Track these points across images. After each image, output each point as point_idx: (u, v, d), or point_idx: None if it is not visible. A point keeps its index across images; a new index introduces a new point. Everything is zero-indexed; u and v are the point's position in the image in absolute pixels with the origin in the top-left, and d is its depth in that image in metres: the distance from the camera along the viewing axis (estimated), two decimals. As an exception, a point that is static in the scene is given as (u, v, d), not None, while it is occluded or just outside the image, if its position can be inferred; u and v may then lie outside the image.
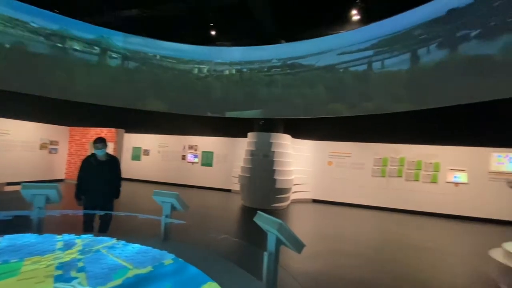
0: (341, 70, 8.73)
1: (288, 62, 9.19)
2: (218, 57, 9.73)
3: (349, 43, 8.65)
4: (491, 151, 7.44)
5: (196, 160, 10.97)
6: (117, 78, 9.39)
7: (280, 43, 9.22)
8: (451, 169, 7.64)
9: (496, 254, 4.24)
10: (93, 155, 3.40)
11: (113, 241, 2.08)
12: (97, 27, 8.82)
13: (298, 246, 1.48)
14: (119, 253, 1.84)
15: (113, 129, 10.23)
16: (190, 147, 11.15)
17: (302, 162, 8.90)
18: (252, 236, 4.84)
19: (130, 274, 1.54)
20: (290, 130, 8.40)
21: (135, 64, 9.76)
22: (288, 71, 9.21)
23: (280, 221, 1.48)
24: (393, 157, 8.16)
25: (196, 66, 9.85)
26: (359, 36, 8.50)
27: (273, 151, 7.96)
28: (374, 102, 7.88)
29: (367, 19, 8.45)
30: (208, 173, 10.65)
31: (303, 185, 8.93)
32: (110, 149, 9.80)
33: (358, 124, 8.31)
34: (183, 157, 11.16)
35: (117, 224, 3.85)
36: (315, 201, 9.09)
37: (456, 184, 7.53)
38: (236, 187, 8.85)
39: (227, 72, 9.71)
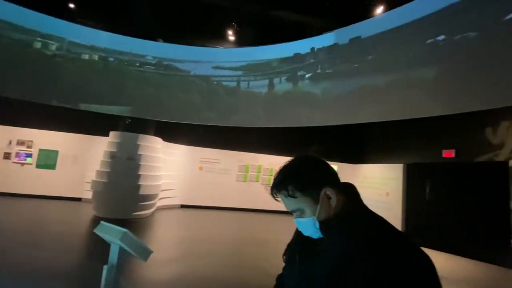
0: (215, 82, 8.57)
1: (164, 63, 8.17)
2: (76, 36, 7.41)
3: (224, 59, 8.66)
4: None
5: (29, 160, 7.78)
6: None
7: (158, 41, 8.08)
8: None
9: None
10: None
11: None
12: None
13: (145, 254, 1.35)
14: None
15: None
16: (21, 143, 7.82)
17: (172, 167, 7.97)
18: (99, 250, 3.65)
19: None
20: (162, 133, 7.36)
21: None
22: (163, 71, 8.17)
23: (124, 230, 1.31)
24: (253, 164, 8.72)
25: (40, 39, 7.10)
26: (232, 55, 8.67)
27: (140, 154, 6.67)
28: (241, 115, 8.16)
29: (240, 41, 8.77)
30: (48, 177, 7.74)
31: (172, 191, 8.00)
32: None
33: (228, 133, 8.36)
34: (7, 156, 7.68)
35: None
36: (183, 206, 8.35)
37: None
38: (89, 194, 6.81)
39: (86, 56, 7.54)
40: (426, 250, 0.62)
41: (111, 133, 6.96)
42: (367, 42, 6.54)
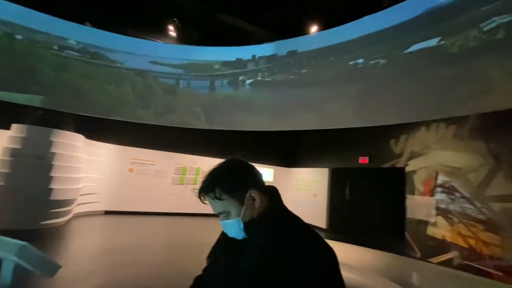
0: (151, 77, 8.00)
1: (91, 50, 7.20)
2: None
3: (163, 54, 8.17)
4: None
5: None
6: None
7: (85, 24, 7.08)
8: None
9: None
10: None
11: None
12: None
13: (50, 269, 1.20)
14: None
15: None
16: None
17: (96, 168, 7.00)
18: None
19: None
20: (85, 130, 6.40)
21: None
22: (90, 60, 7.19)
23: (23, 243, 1.14)
24: (191, 167, 8.38)
25: None
26: (173, 51, 8.25)
27: (53, 153, 5.68)
28: (179, 115, 7.82)
29: (182, 39, 8.41)
30: None
31: (95, 195, 7.02)
32: None
33: (165, 133, 7.85)
34: None
35: None
36: (108, 212, 7.40)
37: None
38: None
39: (-17, 29, 6.09)
40: (346, 244, 0.72)
41: (13, 126, 5.72)
42: (303, 56, 7.12)
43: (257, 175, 0.85)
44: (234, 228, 0.80)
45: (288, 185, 8.86)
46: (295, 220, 0.79)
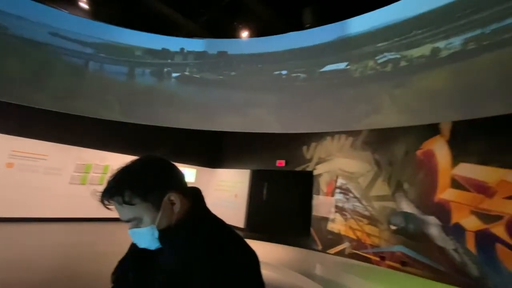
0: (51, 52, 6.53)
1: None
2: None
3: (69, 27, 6.79)
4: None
5: None
6: None
7: None
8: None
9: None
10: None
11: None
12: None
13: None
14: None
15: None
16: None
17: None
18: None
19: None
20: None
21: None
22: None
23: None
24: (98, 164, 7.14)
25: None
26: (83, 26, 6.96)
27: None
28: (87, 102, 6.62)
29: (96, 14, 7.19)
30: None
31: None
32: None
33: (64, 122, 6.47)
34: None
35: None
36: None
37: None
38: None
39: None
40: (261, 242, 0.70)
41: None
42: (233, 59, 7.16)
43: (178, 176, 0.75)
44: (147, 238, 0.68)
45: (211, 185, 8.71)
46: (217, 225, 0.72)
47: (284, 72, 6.51)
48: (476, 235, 3.96)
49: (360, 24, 5.71)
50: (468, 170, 4.18)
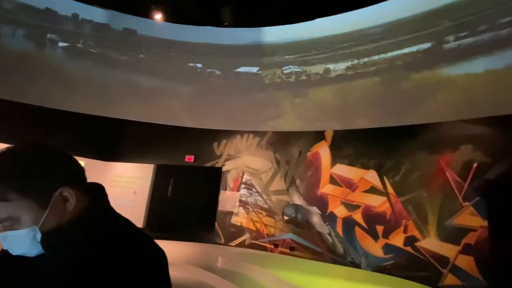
0: None
1: None
2: None
3: None
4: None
5: None
6: None
7: None
8: None
9: None
10: None
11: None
12: None
13: None
14: None
15: None
16: None
17: None
18: None
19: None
20: None
21: None
22: None
23: None
24: None
25: None
26: None
27: None
28: None
29: None
30: None
31: None
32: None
33: None
34: None
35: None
36: None
37: None
38: None
39: None
40: (165, 241, 0.67)
41: None
42: (143, 40, 6.41)
43: (73, 167, 0.64)
44: (25, 242, 0.55)
45: (104, 181, 7.41)
46: (122, 224, 0.65)
47: (199, 65, 6.34)
48: (343, 221, 5.02)
49: (273, 34, 6.22)
50: (341, 169, 5.25)
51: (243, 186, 6.19)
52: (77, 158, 0.66)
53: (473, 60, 3.93)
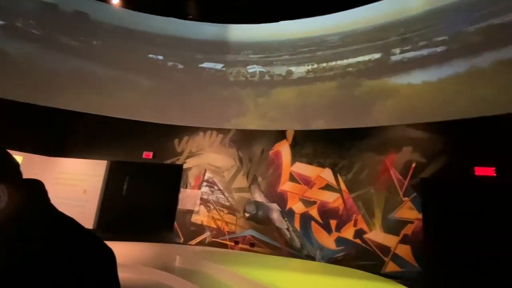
0: None
1: None
2: None
3: None
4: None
5: None
6: None
7: None
8: None
9: None
10: None
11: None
12: None
13: None
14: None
15: None
16: None
17: None
18: None
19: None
20: None
21: None
22: None
23: None
24: None
25: None
26: None
27: None
28: None
29: None
30: None
31: None
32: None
33: None
34: None
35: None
36: None
37: None
38: None
39: None
40: (119, 243, 0.65)
41: None
42: (97, 26, 5.89)
43: (5, 162, 0.59)
44: None
45: (46, 178, 6.71)
46: (63, 224, 0.61)
47: (160, 57, 6.05)
48: (300, 216, 5.27)
49: (239, 32, 6.22)
50: (300, 168, 5.50)
51: (205, 183, 6.10)
52: (13, 152, 0.61)
53: (413, 72, 4.45)
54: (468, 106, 4.03)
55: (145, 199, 6.47)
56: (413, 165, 4.62)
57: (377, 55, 4.86)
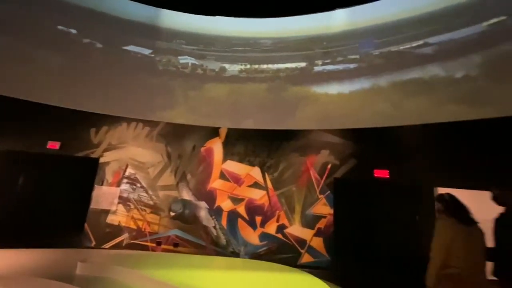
0: None
1: None
2: None
3: None
4: None
5: None
6: None
7: None
8: None
9: None
10: None
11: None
12: None
13: None
14: None
15: None
16: None
17: None
18: None
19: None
20: None
21: None
22: None
23: None
24: None
25: None
26: None
27: None
28: None
29: None
30: None
31: None
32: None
33: None
34: None
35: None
36: None
37: None
38: None
39: None
40: (7, 250, 0.47)
41: None
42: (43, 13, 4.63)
43: None
44: None
45: None
46: None
47: (73, 31, 5.15)
48: (228, 214, 5.30)
49: (172, 19, 5.81)
50: (231, 165, 5.52)
51: (125, 180, 5.53)
52: None
53: (331, 83, 5.01)
54: (370, 117, 4.75)
55: (47, 198, 5.47)
56: (329, 166, 5.18)
57: (303, 64, 5.26)
